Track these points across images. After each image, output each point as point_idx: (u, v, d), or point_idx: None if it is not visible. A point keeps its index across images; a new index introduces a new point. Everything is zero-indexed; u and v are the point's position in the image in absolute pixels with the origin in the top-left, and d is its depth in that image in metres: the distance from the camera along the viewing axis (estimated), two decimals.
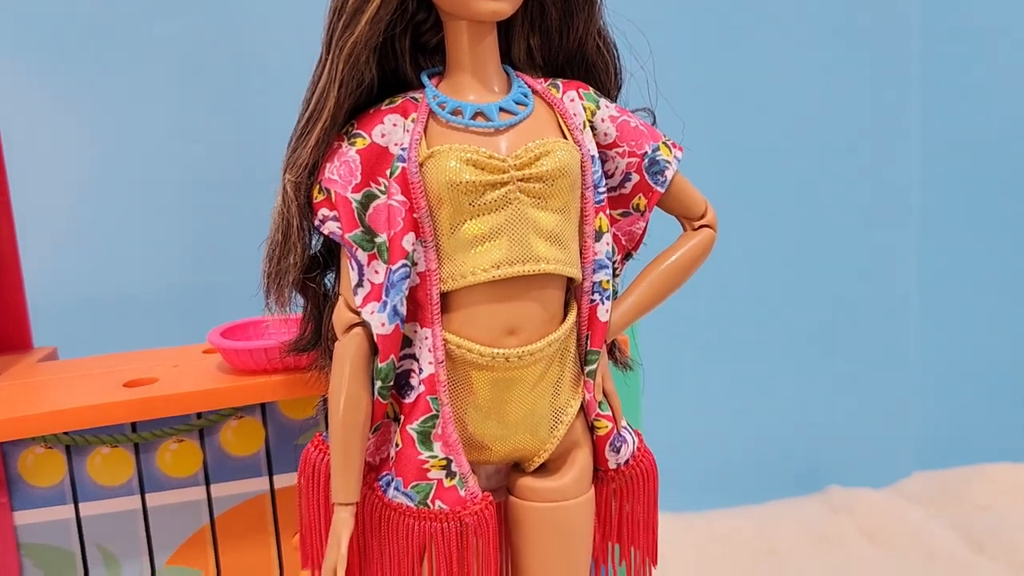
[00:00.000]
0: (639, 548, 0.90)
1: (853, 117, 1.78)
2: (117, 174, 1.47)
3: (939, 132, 1.84)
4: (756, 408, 1.84)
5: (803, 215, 1.79)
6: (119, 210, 1.46)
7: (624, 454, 0.86)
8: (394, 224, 0.75)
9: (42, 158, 1.43)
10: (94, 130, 1.45)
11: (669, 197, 0.86)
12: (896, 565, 1.59)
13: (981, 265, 1.93)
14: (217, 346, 0.93)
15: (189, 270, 1.47)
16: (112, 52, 1.45)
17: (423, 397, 0.77)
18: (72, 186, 1.46)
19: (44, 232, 1.39)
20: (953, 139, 1.85)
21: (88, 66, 1.45)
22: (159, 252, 1.47)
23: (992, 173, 1.88)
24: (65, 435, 0.92)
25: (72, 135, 1.45)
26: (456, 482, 0.78)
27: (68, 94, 1.45)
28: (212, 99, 1.49)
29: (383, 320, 0.75)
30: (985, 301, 1.94)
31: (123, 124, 1.45)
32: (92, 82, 1.45)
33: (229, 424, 0.96)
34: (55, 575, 0.95)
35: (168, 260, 1.47)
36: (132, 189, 1.47)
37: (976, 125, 1.86)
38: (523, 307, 0.77)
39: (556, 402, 0.81)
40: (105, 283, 1.45)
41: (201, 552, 0.98)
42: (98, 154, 1.46)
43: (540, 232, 0.76)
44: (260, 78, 1.48)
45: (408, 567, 0.79)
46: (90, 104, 1.45)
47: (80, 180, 1.46)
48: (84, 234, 1.46)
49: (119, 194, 1.47)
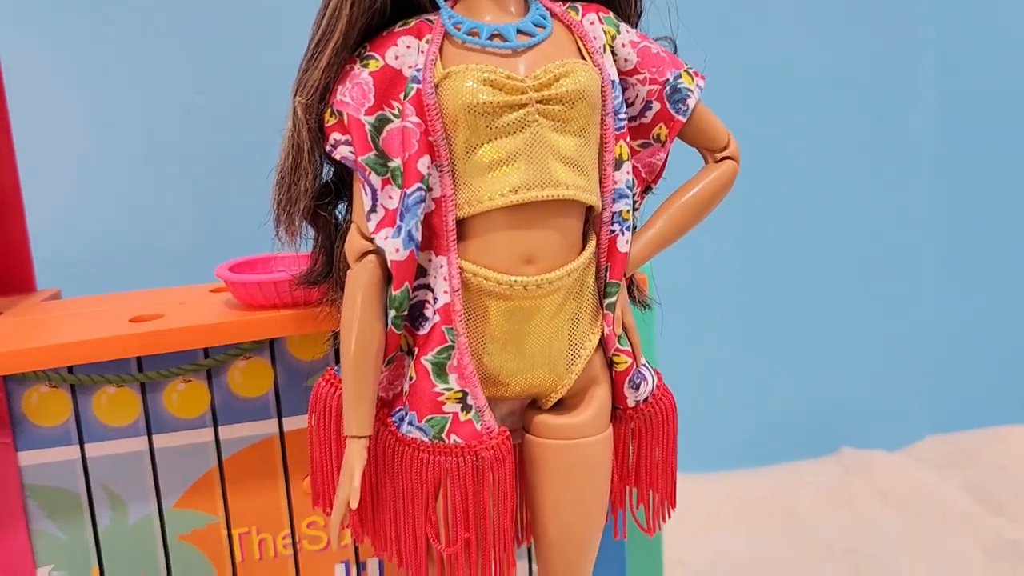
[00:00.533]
0: (657, 491, 0.88)
1: (869, 67, 1.75)
2: (120, 123, 1.44)
3: (954, 86, 1.80)
4: (769, 370, 1.82)
5: (819, 174, 1.77)
6: (123, 160, 1.44)
7: (643, 392, 0.84)
8: (409, 146, 0.72)
9: (45, 106, 1.40)
10: (97, 78, 1.43)
11: (691, 127, 0.83)
12: (911, 525, 1.57)
13: (997, 227, 1.90)
14: (225, 280, 0.90)
15: (195, 219, 1.45)
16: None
17: (438, 327, 0.75)
18: (75, 136, 1.43)
19: (48, 179, 1.37)
20: (968, 91, 1.82)
21: (92, 14, 1.42)
22: (164, 201, 1.45)
23: (1012, 131, 1.85)
24: (70, 373, 0.89)
25: (75, 83, 1.42)
26: (472, 416, 0.76)
27: (72, 41, 1.42)
28: (215, 49, 1.46)
29: (397, 245, 0.72)
30: (1000, 264, 1.92)
31: (126, 71, 1.42)
32: (96, 30, 1.42)
33: (237, 364, 0.93)
34: (61, 517, 0.93)
35: (173, 209, 1.45)
36: (136, 139, 1.44)
37: (992, 76, 1.82)
38: (541, 235, 0.75)
39: (574, 336, 0.79)
40: (109, 231, 1.43)
41: (209, 495, 0.96)
42: (101, 102, 1.43)
43: (559, 157, 0.74)
44: (264, 27, 1.45)
45: (422, 504, 0.77)
46: (94, 51, 1.43)
47: (82, 131, 1.44)
48: (87, 182, 1.44)
49: (123, 145, 1.44)
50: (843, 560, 1.45)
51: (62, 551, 0.94)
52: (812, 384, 1.85)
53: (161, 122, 1.44)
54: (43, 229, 1.19)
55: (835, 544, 1.50)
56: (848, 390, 1.87)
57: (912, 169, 1.83)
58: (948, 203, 1.86)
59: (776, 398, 1.83)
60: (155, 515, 0.95)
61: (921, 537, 1.52)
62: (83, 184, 1.43)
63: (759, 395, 1.82)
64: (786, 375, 1.82)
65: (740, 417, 1.81)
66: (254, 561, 0.98)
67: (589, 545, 0.83)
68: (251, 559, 0.98)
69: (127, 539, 0.95)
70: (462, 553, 0.77)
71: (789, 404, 1.84)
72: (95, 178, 1.44)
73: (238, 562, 0.98)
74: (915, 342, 1.90)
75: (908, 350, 1.90)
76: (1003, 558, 1.43)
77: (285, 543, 0.98)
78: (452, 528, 0.77)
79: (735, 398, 1.80)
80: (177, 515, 0.95)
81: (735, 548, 1.53)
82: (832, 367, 1.85)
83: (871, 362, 1.87)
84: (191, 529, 0.96)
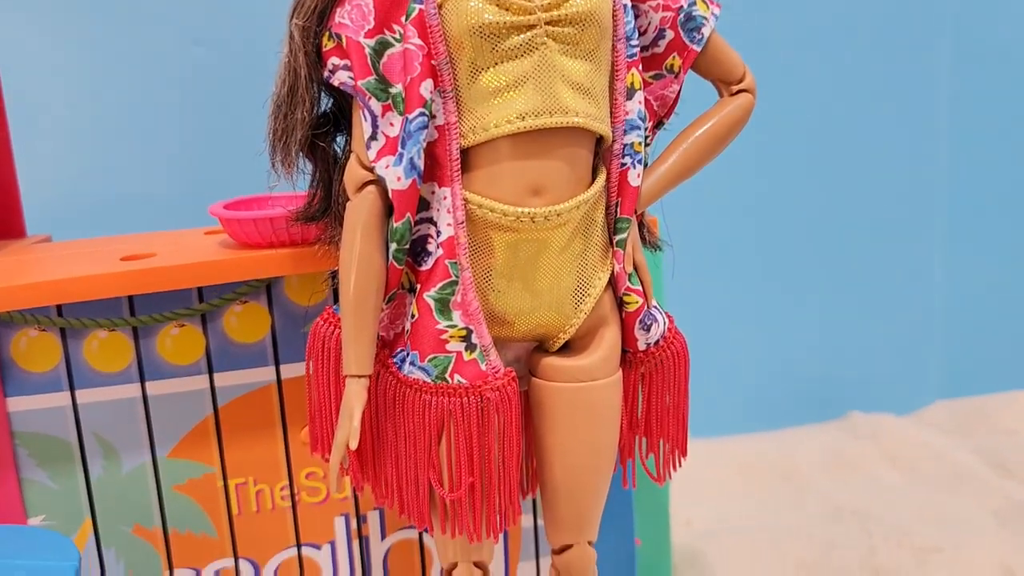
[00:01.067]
0: (668, 439, 0.85)
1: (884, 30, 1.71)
2: (115, 77, 1.41)
3: (969, 49, 1.76)
4: (777, 333, 1.79)
5: (829, 135, 1.73)
6: (118, 112, 1.40)
7: (654, 333, 0.80)
8: (411, 69, 0.69)
9: (36, 53, 1.37)
10: (89, 24, 1.38)
11: (705, 57, 0.79)
12: (920, 488, 1.54)
13: (1008, 188, 1.86)
14: (220, 217, 0.87)
15: (190, 169, 1.41)
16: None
17: (441, 261, 0.72)
18: (68, 89, 1.39)
19: (40, 131, 1.33)
20: (983, 54, 1.77)
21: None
22: (158, 150, 1.41)
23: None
24: (59, 316, 0.86)
25: (66, 29, 1.38)
26: (476, 355, 0.73)
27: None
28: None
29: (399, 174, 0.69)
30: (1012, 228, 1.88)
31: (119, 15, 1.38)
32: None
33: (233, 309, 0.90)
34: (52, 466, 0.90)
35: (168, 159, 1.42)
36: (131, 92, 1.41)
37: (1007, 40, 1.78)
38: (549, 165, 0.71)
39: (583, 274, 0.76)
40: (101, 180, 1.39)
41: (205, 445, 0.93)
42: (96, 54, 1.39)
43: (569, 82, 0.70)
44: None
45: (424, 447, 0.74)
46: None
47: (78, 84, 1.40)
48: (81, 133, 1.40)
49: (118, 98, 1.41)
50: (851, 521, 1.42)
51: (54, 501, 0.91)
52: (820, 348, 1.82)
53: (156, 72, 1.40)
54: (34, 177, 1.15)
55: (843, 506, 1.47)
56: (857, 354, 1.84)
57: (927, 133, 1.79)
58: (961, 166, 1.82)
59: (784, 361, 1.80)
60: (149, 465, 0.92)
61: (930, 499, 1.49)
62: (75, 132, 1.40)
63: (766, 358, 1.79)
64: (794, 338, 1.80)
65: (746, 381, 1.78)
66: (251, 513, 0.95)
67: (597, 491, 0.80)
68: (248, 511, 0.95)
69: (120, 489, 0.92)
70: (466, 499, 0.74)
71: (797, 368, 1.81)
72: (87, 127, 1.40)
73: (235, 514, 0.95)
74: (925, 307, 1.87)
75: (918, 314, 1.87)
76: (1013, 520, 1.41)
77: (283, 495, 0.96)
78: (455, 473, 0.74)
79: (742, 361, 1.77)
80: (172, 465, 0.93)
81: (742, 510, 1.50)
82: (841, 331, 1.82)
83: (881, 326, 1.84)
84: (186, 479, 0.93)
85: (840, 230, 1.78)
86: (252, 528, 0.95)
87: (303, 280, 0.90)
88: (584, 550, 0.83)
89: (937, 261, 1.86)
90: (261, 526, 0.96)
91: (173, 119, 1.42)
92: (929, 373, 1.90)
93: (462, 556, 0.81)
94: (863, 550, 1.33)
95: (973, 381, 1.90)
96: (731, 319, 1.75)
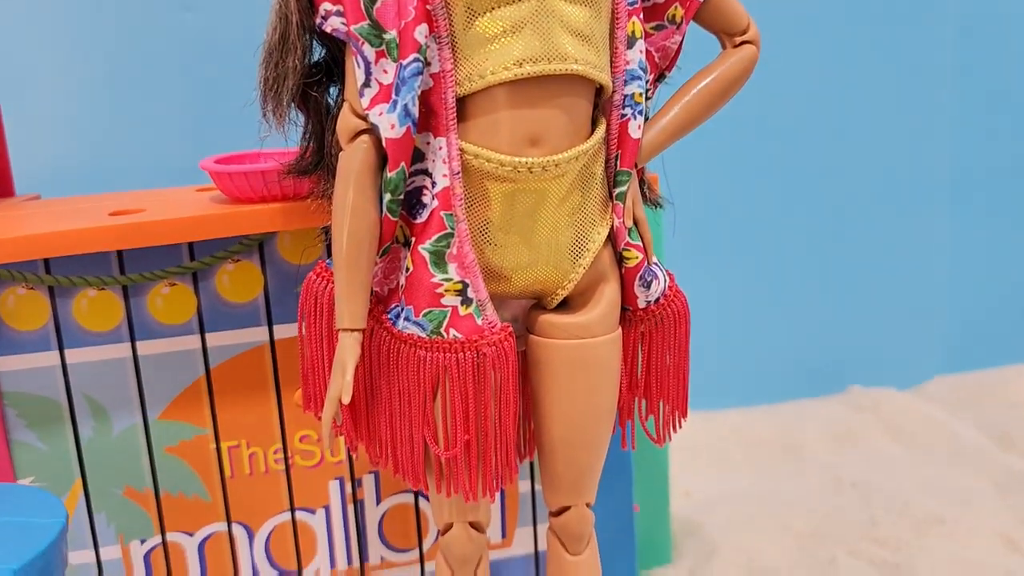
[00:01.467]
0: (668, 400, 0.84)
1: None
2: (104, 39, 1.38)
3: (975, 17, 1.74)
4: (778, 306, 1.77)
5: (834, 107, 1.70)
6: (107, 74, 1.38)
7: (655, 291, 0.79)
8: (405, 14, 0.67)
9: (24, 17, 1.34)
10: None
11: (708, 7, 0.77)
12: (921, 460, 1.53)
13: (1011, 162, 1.84)
14: (210, 172, 0.85)
15: (180, 130, 1.39)
16: None
17: (436, 213, 0.70)
18: (56, 51, 1.37)
19: (28, 92, 1.31)
20: (988, 24, 1.75)
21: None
22: (149, 113, 1.39)
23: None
24: (48, 274, 0.85)
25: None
26: (473, 310, 0.71)
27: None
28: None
29: (392, 121, 0.67)
30: (1015, 202, 1.86)
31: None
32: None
33: (225, 268, 0.89)
34: (41, 427, 0.89)
35: (159, 120, 1.39)
36: (120, 54, 1.38)
37: (1013, 11, 1.76)
38: (547, 114, 0.69)
39: (581, 228, 0.74)
40: (91, 142, 1.37)
41: (196, 406, 0.91)
42: (84, 15, 1.37)
43: (568, 28, 0.68)
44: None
45: (419, 404, 0.72)
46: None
47: (67, 46, 1.37)
48: (69, 95, 1.38)
49: (107, 60, 1.38)
50: (851, 493, 1.41)
51: (43, 462, 0.90)
52: (822, 322, 1.80)
53: (145, 35, 1.38)
54: (23, 138, 1.13)
55: (843, 477, 1.46)
56: (858, 328, 1.82)
57: (931, 105, 1.77)
58: (964, 140, 1.80)
59: (785, 335, 1.79)
60: (140, 426, 0.91)
61: (931, 471, 1.48)
62: (64, 94, 1.38)
63: (767, 332, 1.77)
64: (796, 312, 1.78)
65: (747, 354, 1.76)
66: (244, 476, 0.94)
67: (595, 450, 0.79)
68: (241, 474, 0.94)
69: (111, 451, 0.91)
70: (461, 457, 0.73)
71: (798, 341, 1.79)
72: (75, 89, 1.38)
73: (227, 477, 0.94)
74: (927, 281, 1.85)
75: (919, 289, 1.85)
76: (1014, 492, 1.39)
77: (277, 458, 0.94)
78: (451, 430, 0.72)
79: (743, 335, 1.76)
80: (163, 426, 0.91)
81: (742, 481, 1.49)
82: (843, 304, 1.80)
83: (882, 300, 1.82)
84: (178, 441, 0.92)
85: (843, 203, 1.76)
86: (245, 491, 0.94)
87: (296, 238, 0.88)
88: (582, 512, 0.82)
89: (939, 235, 1.84)
90: (254, 489, 0.95)
91: (163, 80, 1.39)
92: (930, 348, 1.88)
93: (458, 516, 0.80)
94: (864, 521, 1.32)
95: (974, 356, 1.88)
96: (732, 294, 1.74)
